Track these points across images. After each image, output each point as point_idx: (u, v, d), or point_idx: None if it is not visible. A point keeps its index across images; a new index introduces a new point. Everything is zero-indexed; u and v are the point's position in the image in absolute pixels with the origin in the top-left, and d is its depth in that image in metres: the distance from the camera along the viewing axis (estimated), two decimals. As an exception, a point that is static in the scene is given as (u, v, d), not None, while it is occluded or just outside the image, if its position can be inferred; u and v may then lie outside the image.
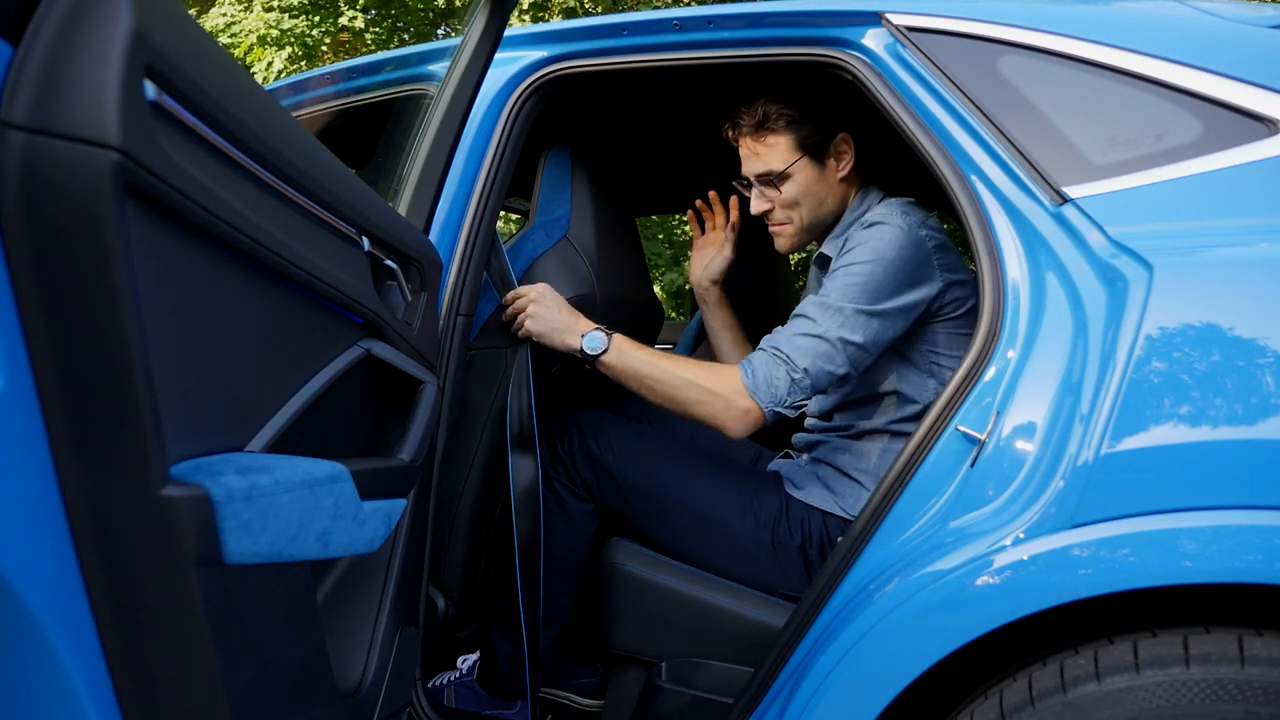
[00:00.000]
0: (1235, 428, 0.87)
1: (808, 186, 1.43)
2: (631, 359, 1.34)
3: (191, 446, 0.61)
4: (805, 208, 1.44)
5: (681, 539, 1.40)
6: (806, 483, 1.42)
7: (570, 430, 1.43)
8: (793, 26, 1.27)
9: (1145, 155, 1.03)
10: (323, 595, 0.93)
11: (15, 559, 0.51)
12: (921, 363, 1.36)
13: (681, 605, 1.35)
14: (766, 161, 1.43)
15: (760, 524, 1.37)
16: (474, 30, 1.15)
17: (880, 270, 1.28)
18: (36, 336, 0.53)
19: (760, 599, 1.34)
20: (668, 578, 1.37)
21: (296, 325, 0.80)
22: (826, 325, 1.27)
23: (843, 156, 1.44)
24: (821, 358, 1.27)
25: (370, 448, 0.99)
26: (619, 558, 1.40)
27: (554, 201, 1.54)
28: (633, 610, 1.37)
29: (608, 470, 1.41)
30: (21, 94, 0.51)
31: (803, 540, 1.36)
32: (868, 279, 1.28)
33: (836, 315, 1.27)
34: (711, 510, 1.39)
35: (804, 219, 1.46)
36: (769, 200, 1.45)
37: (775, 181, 1.43)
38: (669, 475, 1.41)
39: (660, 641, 1.36)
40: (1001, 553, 0.93)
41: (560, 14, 7.31)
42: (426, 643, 1.36)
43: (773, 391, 1.27)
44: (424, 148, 1.16)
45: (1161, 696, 0.85)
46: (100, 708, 0.58)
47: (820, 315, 1.28)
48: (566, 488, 1.43)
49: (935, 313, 1.34)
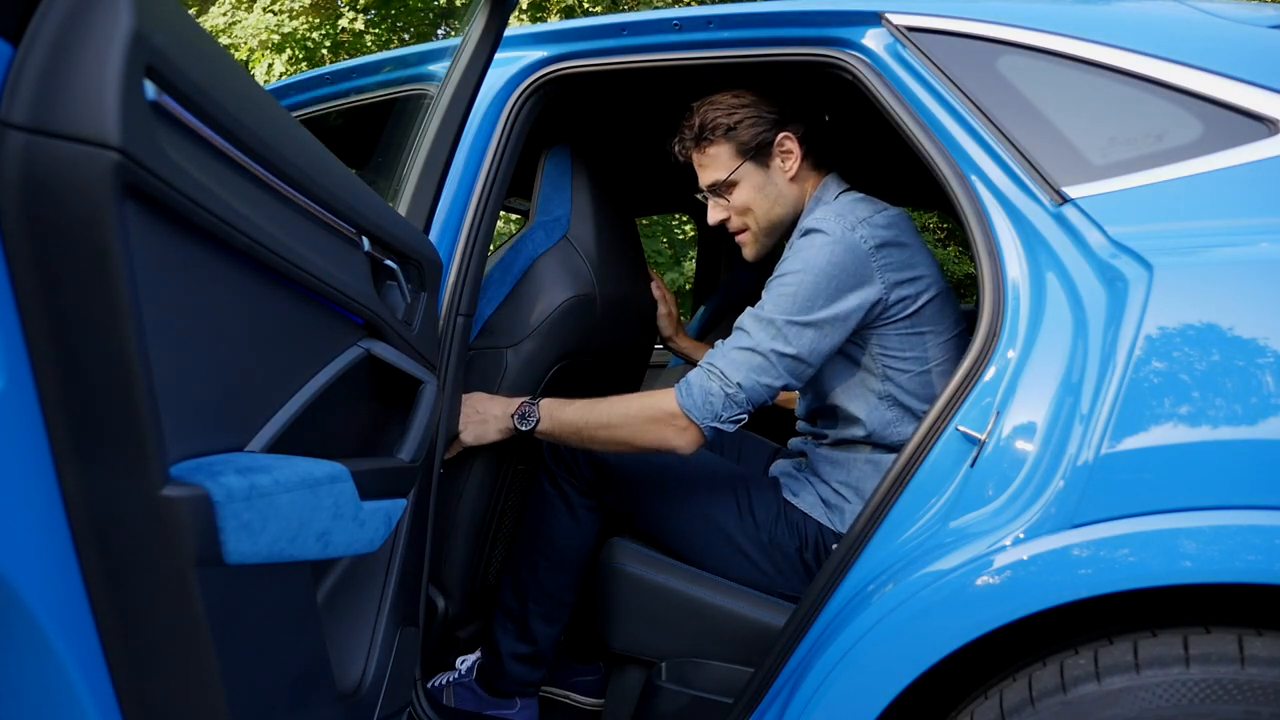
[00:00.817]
0: (1235, 428, 0.87)
1: (756, 190, 1.44)
2: (564, 417, 1.33)
3: (191, 446, 0.61)
4: (758, 211, 1.45)
5: (681, 538, 1.40)
6: (802, 490, 1.42)
7: None
8: (793, 26, 1.27)
9: (1145, 155, 1.03)
10: (323, 595, 0.93)
11: (15, 559, 0.51)
12: (874, 367, 1.35)
13: (681, 605, 1.35)
14: (712, 172, 1.45)
15: (759, 527, 1.37)
16: (474, 30, 1.15)
17: (810, 280, 1.26)
18: (37, 336, 0.53)
19: (760, 599, 1.35)
20: (667, 577, 1.37)
21: (296, 325, 0.80)
22: (759, 338, 1.26)
23: (788, 157, 1.43)
24: (755, 370, 1.26)
25: (370, 448, 0.99)
26: (619, 558, 1.40)
27: (554, 201, 1.54)
28: (632, 610, 1.38)
29: (609, 468, 1.41)
30: (21, 94, 0.51)
31: (799, 544, 1.37)
32: (797, 289, 1.27)
33: (769, 328, 1.26)
34: (710, 509, 1.39)
35: (759, 223, 1.46)
36: (724, 209, 1.47)
37: (723, 190, 1.45)
38: (669, 475, 1.42)
39: (660, 641, 1.36)
40: (1001, 553, 0.93)
41: (559, 14, 7.31)
42: (426, 643, 1.36)
43: (709, 407, 1.26)
44: (424, 148, 1.16)
45: (1161, 696, 0.85)
46: (100, 708, 0.58)
47: (753, 328, 1.28)
48: (569, 484, 1.44)
49: (882, 316, 1.32)
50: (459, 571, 1.45)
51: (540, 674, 1.46)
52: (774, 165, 1.43)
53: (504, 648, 1.44)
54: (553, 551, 1.43)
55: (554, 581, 1.43)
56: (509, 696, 1.46)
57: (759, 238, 1.48)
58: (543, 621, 1.43)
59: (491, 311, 1.49)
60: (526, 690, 1.47)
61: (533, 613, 1.43)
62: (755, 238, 1.48)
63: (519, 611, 1.44)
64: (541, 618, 1.43)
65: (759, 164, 1.43)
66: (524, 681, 1.45)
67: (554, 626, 1.44)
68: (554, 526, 1.43)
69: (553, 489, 1.44)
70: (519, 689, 1.46)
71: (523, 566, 1.44)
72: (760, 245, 1.49)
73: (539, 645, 1.43)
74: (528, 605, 1.43)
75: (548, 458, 1.45)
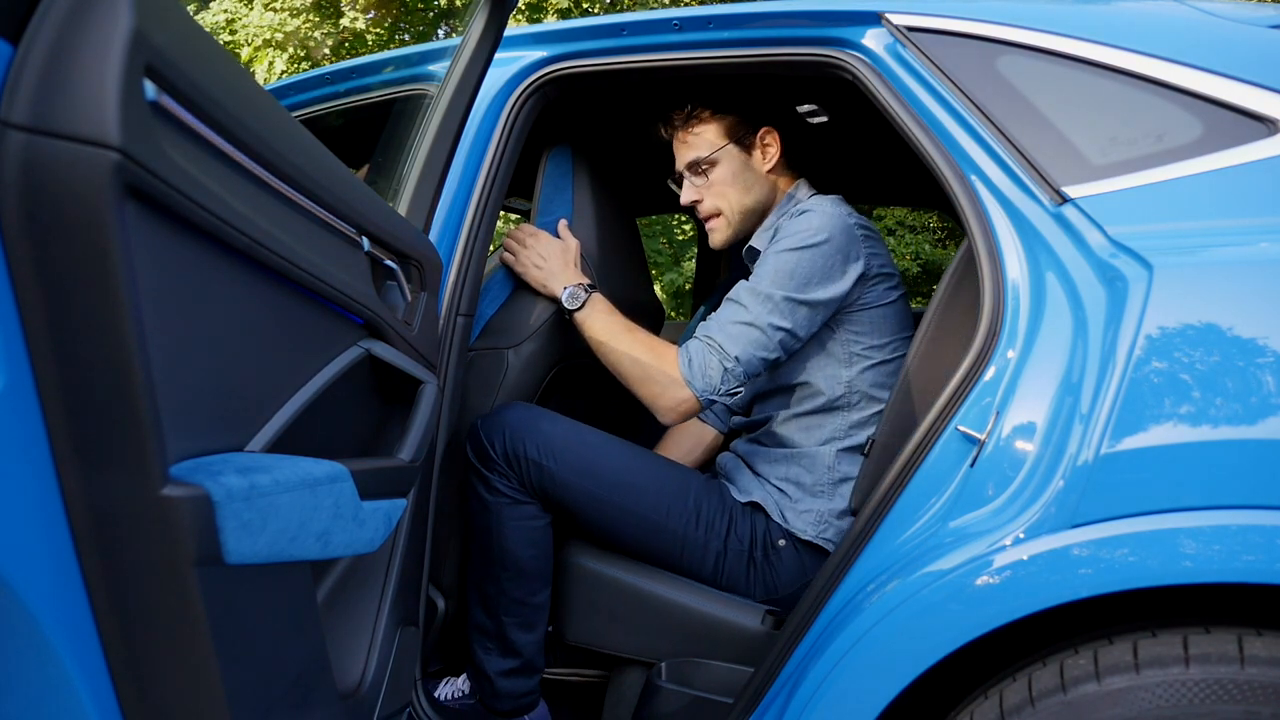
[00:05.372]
0: (1235, 428, 0.87)
1: (735, 173, 1.49)
2: (598, 323, 1.39)
3: (191, 446, 0.61)
4: (734, 194, 1.49)
5: (629, 543, 1.38)
6: (750, 486, 1.42)
7: (501, 431, 1.34)
8: (792, 26, 1.27)
9: (1145, 155, 1.03)
10: (323, 595, 0.93)
11: (15, 559, 0.51)
12: (840, 352, 1.39)
13: (635, 599, 1.36)
14: (695, 149, 1.49)
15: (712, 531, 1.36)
16: (474, 30, 1.15)
17: (809, 256, 1.31)
18: (37, 336, 0.53)
19: (706, 591, 1.36)
20: (619, 571, 1.38)
21: (296, 325, 0.80)
22: (757, 312, 1.31)
23: (768, 149, 1.50)
24: (753, 345, 1.30)
25: (370, 448, 0.99)
26: (572, 552, 1.41)
27: (554, 201, 1.54)
28: (586, 604, 1.39)
29: (548, 473, 1.33)
30: (21, 94, 0.51)
31: (750, 543, 1.37)
32: (796, 264, 1.31)
33: (766, 302, 1.31)
34: (655, 516, 1.35)
35: (733, 206, 1.50)
36: (698, 190, 1.51)
37: (704, 168, 1.49)
38: (611, 481, 1.35)
39: (614, 635, 1.37)
40: (1001, 553, 0.93)
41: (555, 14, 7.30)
42: (426, 643, 1.36)
43: (707, 380, 1.31)
44: (424, 148, 1.16)
45: (1161, 696, 0.85)
46: (100, 708, 0.58)
47: (751, 302, 1.32)
48: (505, 484, 1.35)
49: (859, 299, 1.37)
50: (459, 571, 1.45)
51: (535, 680, 1.41)
52: (754, 155, 1.50)
53: (490, 668, 1.38)
54: (510, 559, 1.35)
55: (520, 588, 1.36)
56: (514, 714, 1.41)
57: (730, 223, 1.52)
58: (521, 630, 1.37)
59: (493, 312, 1.49)
60: (527, 701, 1.41)
61: (509, 625, 1.37)
62: (727, 223, 1.52)
63: (495, 629, 1.37)
64: (519, 627, 1.37)
65: (741, 149, 1.49)
66: (522, 694, 1.39)
67: (534, 632, 1.38)
68: (506, 533, 1.35)
69: (491, 495, 1.35)
70: (520, 704, 1.40)
71: (486, 583, 1.37)
72: (731, 232, 1.52)
73: (525, 654, 1.38)
74: (501, 619, 1.37)
75: (477, 464, 1.36)
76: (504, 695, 1.39)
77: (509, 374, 1.45)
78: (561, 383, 1.57)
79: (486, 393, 1.45)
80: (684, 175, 1.53)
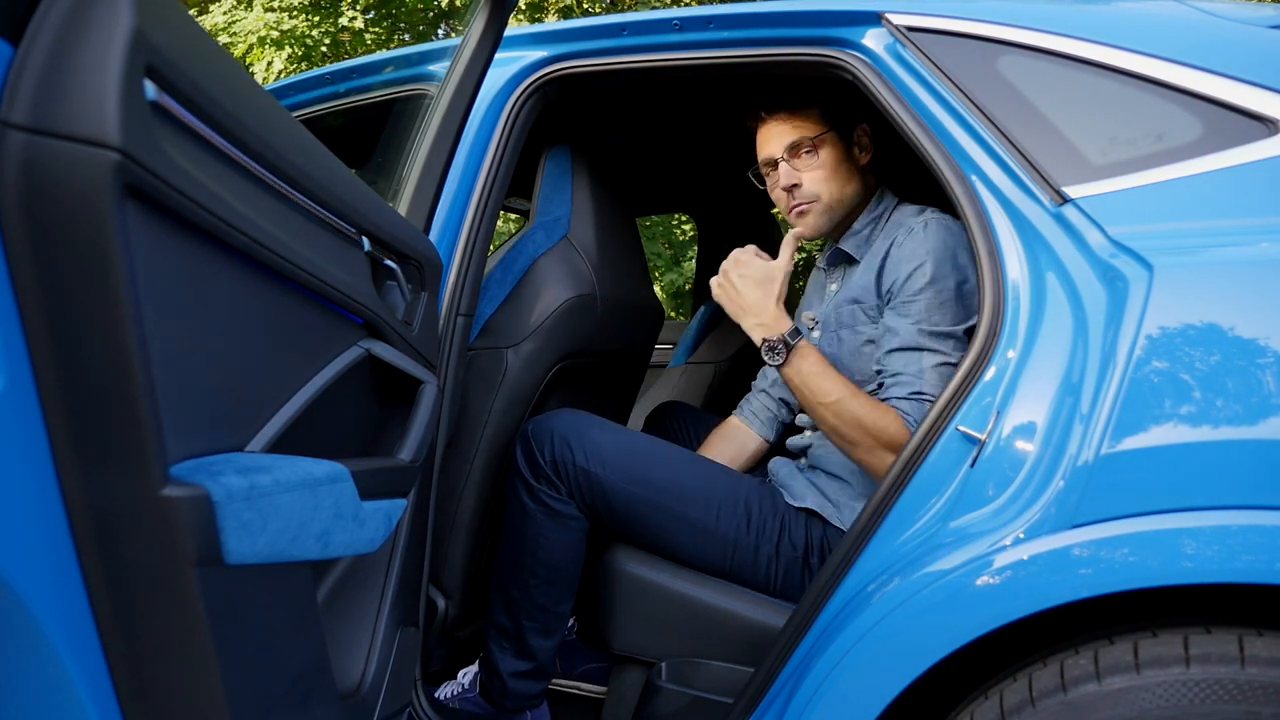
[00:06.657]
0: (1235, 428, 0.87)
1: (837, 162, 1.46)
2: (808, 380, 1.30)
3: (191, 446, 0.61)
4: (834, 183, 1.46)
5: (678, 548, 1.37)
6: (805, 491, 1.40)
7: (550, 438, 1.36)
8: (793, 26, 1.27)
9: (1145, 155, 1.03)
10: (323, 595, 0.93)
11: (15, 559, 0.51)
12: None
13: (683, 606, 1.34)
14: (800, 129, 1.45)
15: (763, 536, 1.35)
16: (474, 30, 1.15)
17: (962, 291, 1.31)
18: (37, 336, 0.53)
19: (762, 599, 1.34)
20: (668, 578, 1.36)
21: (296, 325, 0.80)
22: (944, 348, 1.29)
23: (866, 147, 1.50)
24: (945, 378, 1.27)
25: (370, 448, 0.99)
26: (620, 559, 1.39)
27: (554, 201, 1.54)
28: (633, 612, 1.36)
29: (596, 480, 1.35)
30: (21, 94, 0.51)
31: (805, 549, 1.35)
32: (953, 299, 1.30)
33: (947, 340, 1.29)
34: (706, 521, 1.35)
35: (830, 195, 1.46)
36: (797, 174, 1.46)
37: (807, 150, 1.45)
38: (661, 486, 1.36)
39: (662, 642, 1.35)
40: (1001, 553, 0.93)
41: (556, 14, 7.30)
42: (426, 643, 1.36)
43: None
44: (424, 148, 1.16)
45: (1161, 696, 0.85)
46: (100, 708, 0.58)
47: (940, 345, 1.29)
48: (550, 495, 1.36)
49: None
50: (459, 571, 1.45)
51: (544, 685, 1.43)
52: (854, 150, 1.49)
53: (504, 667, 1.40)
54: (543, 569, 1.37)
55: (547, 596, 1.38)
56: (518, 712, 1.43)
57: (824, 212, 1.47)
58: (540, 636, 1.39)
59: (492, 311, 1.48)
60: (532, 702, 1.43)
61: (529, 629, 1.38)
62: (824, 209, 1.47)
63: (514, 630, 1.39)
64: (539, 633, 1.39)
65: (842, 139, 1.47)
66: (529, 695, 1.41)
67: (552, 639, 1.40)
68: (541, 542, 1.36)
69: (534, 503, 1.36)
70: (526, 703, 1.43)
71: (513, 586, 1.39)
72: (822, 221, 1.48)
73: (539, 660, 1.39)
74: (523, 623, 1.38)
75: (524, 471, 1.37)
76: (512, 695, 1.40)
77: (509, 373, 1.45)
78: (561, 381, 1.57)
79: (486, 392, 1.45)
80: (779, 160, 1.46)
